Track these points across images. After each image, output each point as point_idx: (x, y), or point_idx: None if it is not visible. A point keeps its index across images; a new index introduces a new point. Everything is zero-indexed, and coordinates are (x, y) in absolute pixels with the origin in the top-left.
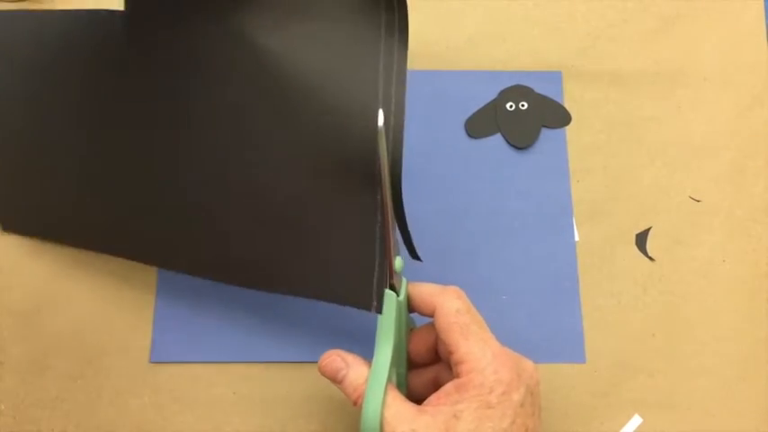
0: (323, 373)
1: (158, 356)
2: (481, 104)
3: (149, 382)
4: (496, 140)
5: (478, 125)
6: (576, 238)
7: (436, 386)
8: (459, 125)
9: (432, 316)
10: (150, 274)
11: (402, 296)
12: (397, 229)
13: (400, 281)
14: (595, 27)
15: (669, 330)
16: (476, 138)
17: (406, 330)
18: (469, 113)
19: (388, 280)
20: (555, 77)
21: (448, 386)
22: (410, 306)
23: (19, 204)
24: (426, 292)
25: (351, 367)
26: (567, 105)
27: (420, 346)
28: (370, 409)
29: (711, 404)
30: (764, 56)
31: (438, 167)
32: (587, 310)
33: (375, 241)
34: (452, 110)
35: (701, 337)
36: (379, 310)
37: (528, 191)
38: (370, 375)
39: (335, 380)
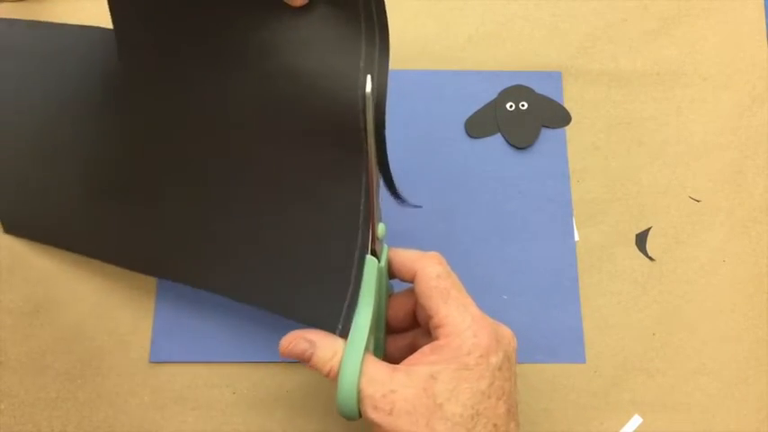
0: (287, 356)
1: (158, 356)
2: (481, 104)
3: (149, 382)
4: (496, 140)
5: (478, 125)
6: (576, 238)
7: (413, 351)
8: (459, 125)
9: (412, 281)
10: None
11: (383, 262)
12: (378, 195)
13: (382, 247)
14: (595, 27)
15: (669, 330)
16: (476, 138)
17: (386, 296)
18: (469, 113)
19: (370, 246)
20: (555, 77)
21: (425, 348)
22: (390, 272)
23: (21, 207)
24: (407, 257)
25: (317, 346)
26: (567, 105)
27: (398, 311)
28: (347, 379)
29: (711, 404)
30: (764, 56)
31: (438, 167)
32: (587, 310)
33: (352, 268)
34: (452, 110)
35: (701, 337)
36: (344, 335)
37: (528, 191)
38: (348, 342)
39: (302, 360)
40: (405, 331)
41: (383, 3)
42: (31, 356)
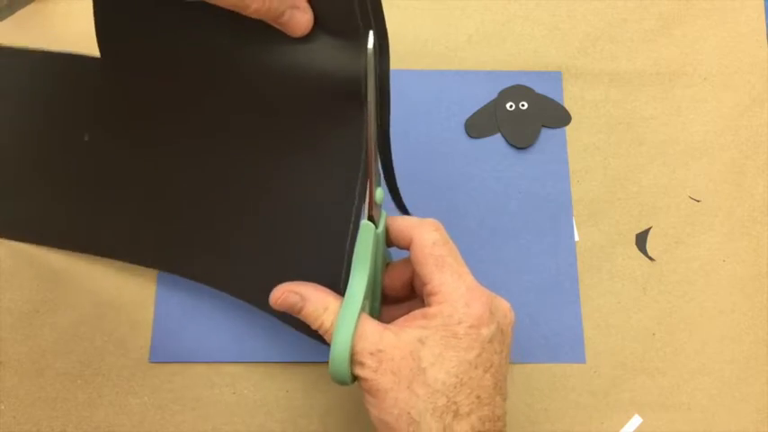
0: (278, 308)
1: (158, 356)
2: (481, 104)
3: (149, 382)
4: (496, 140)
5: (478, 125)
6: (576, 238)
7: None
8: (459, 125)
9: (408, 248)
10: (150, 274)
11: (380, 228)
12: (377, 161)
13: (380, 213)
14: (595, 27)
15: (669, 330)
16: (476, 138)
17: (383, 264)
18: (469, 113)
19: (368, 211)
20: (555, 77)
21: (417, 312)
22: (388, 240)
23: (10, 212)
24: (404, 224)
25: (307, 300)
26: (567, 105)
27: (395, 280)
28: (340, 341)
29: (711, 404)
30: (764, 56)
31: (438, 167)
32: (587, 310)
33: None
34: (452, 110)
35: (701, 337)
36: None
37: (528, 191)
38: (342, 305)
39: (293, 313)
40: (402, 301)
41: (385, 33)
42: (31, 356)
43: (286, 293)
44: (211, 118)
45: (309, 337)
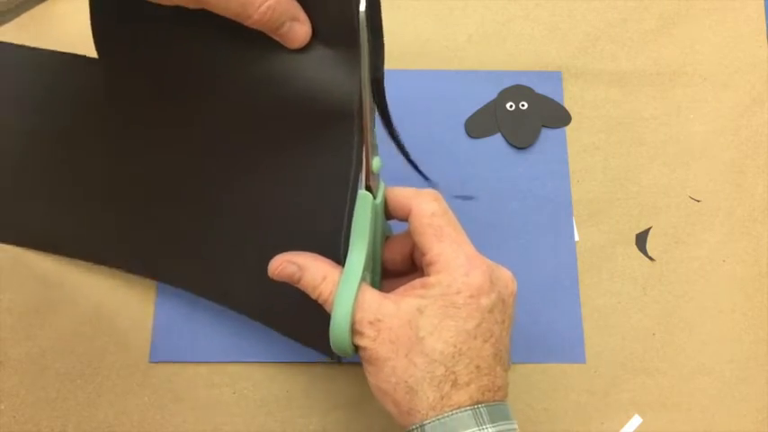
0: (277, 278)
1: (158, 356)
2: (481, 104)
3: (149, 382)
4: (496, 140)
5: (478, 125)
6: (576, 238)
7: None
8: (459, 125)
9: (407, 219)
10: None
11: (379, 199)
12: (374, 130)
13: (377, 183)
14: (595, 27)
15: (669, 330)
16: (476, 138)
17: (382, 237)
18: (469, 113)
19: (365, 181)
20: (555, 77)
21: (416, 281)
22: (387, 212)
23: (7, 217)
24: (402, 194)
25: (305, 270)
26: (567, 105)
27: (395, 253)
28: (340, 311)
29: (711, 404)
30: (764, 56)
31: (438, 167)
32: (587, 310)
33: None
34: (452, 110)
35: (701, 337)
36: (338, 357)
37: (528, 191)
38: (342, 275)
39: (292, 283)
40: (402, 275)
41: (382, 50)
42: (31, 356)
43: (284, 264)
44: (205, 123)
45: (303, 344)
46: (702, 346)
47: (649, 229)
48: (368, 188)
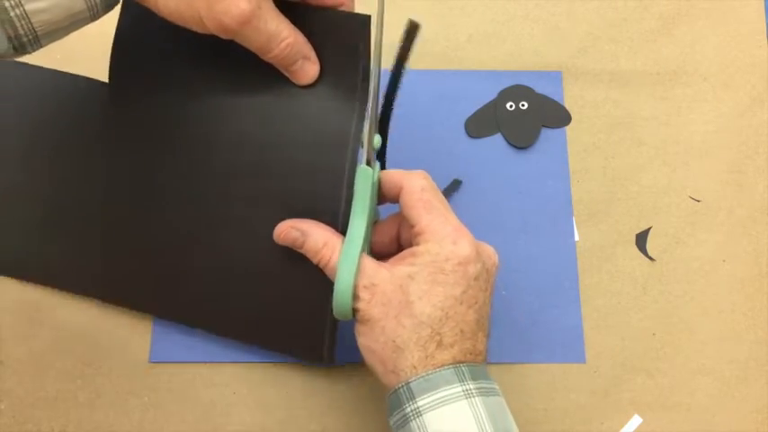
0: (281, 243)
1: (158, 356)
2: (481, 104)
3: (149, 382)
4: (496, 140)
5: (478, 125)
6: (576, 238)
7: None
8: (459, 125)
9: (398, 199)
10: None
11: (375, 178)
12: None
13: (375, 162)
14: (595, 27)
15: (669, 330)
16: (476, 138)
17: (375, 218)
18: (469, 113)
19: (366, 156)
20: (555, 77)
21: (406, 252)
22: (379, 194)
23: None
24: (394, 174)
25: (308, 235)
26: (567, 105)
27: (384, 236)
28: (344, 276)
29: (711, 404)
30: (764, 56)
31: (438, 167)
32: (587, 310)
33: (329, 300)
34: (452, 110)
35: (701, 337)
36: (331, 361)
37: (528, 191)
38: (344, 243)
39: (295, 248)
40: (388, 257)
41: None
42: (31, 356)
43: (287, 230)
44: (206, 150)
45: (294, 357)
46: (702, 346)
47: (649, 229)
48: (368, 164)
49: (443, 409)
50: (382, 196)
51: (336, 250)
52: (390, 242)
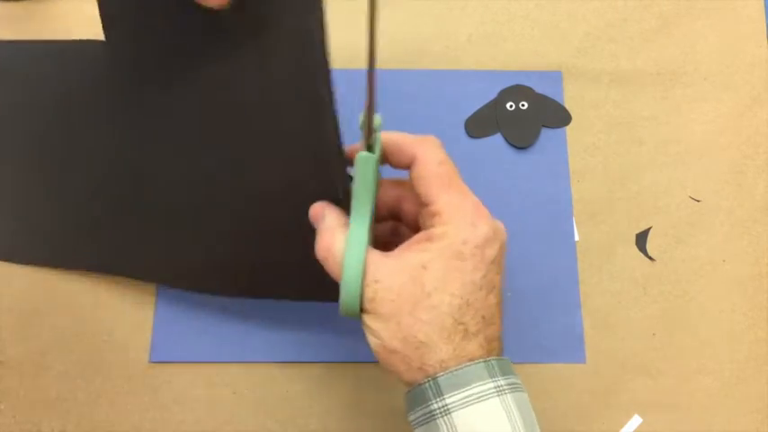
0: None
1: (158, 356)
2: (481, 104)
3: (149, 382)
4: (496, 140)
5: (478, 125)
6: (576, 238)
7: (395, 236)
8: (459, 125)
9: (408, 167)
10: None
11: (377, 153)
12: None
13: (377, 140)
14: (595, 27)
15: (669, 330)
16: (476, 138)
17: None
18: (469, 113)
19: (366, 140)
20: (555, 77)
21: (420, 234)
22: (382, 158)
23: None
24: (404, 141)
25: (326, 216)
26: (567, 105)
27: (379, 200)
28: (350, 273)
29: (711, 404)
30: (764, 56)
31: None
32: (587, 310)
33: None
34: (452, 110)
35: (701, 337)
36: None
37: (528, 191)
38: (347, 242)
39: (316, 223)
40: (382, 221)
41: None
42: (31, 356)
43: (318, 209)
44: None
45: (318, 299)
46: (702, 346)
47: (649, 229)
48: (368, 147)
49: (474, 408)
50: (385, 161)
51: (336, 239)
52: (383, 206)
